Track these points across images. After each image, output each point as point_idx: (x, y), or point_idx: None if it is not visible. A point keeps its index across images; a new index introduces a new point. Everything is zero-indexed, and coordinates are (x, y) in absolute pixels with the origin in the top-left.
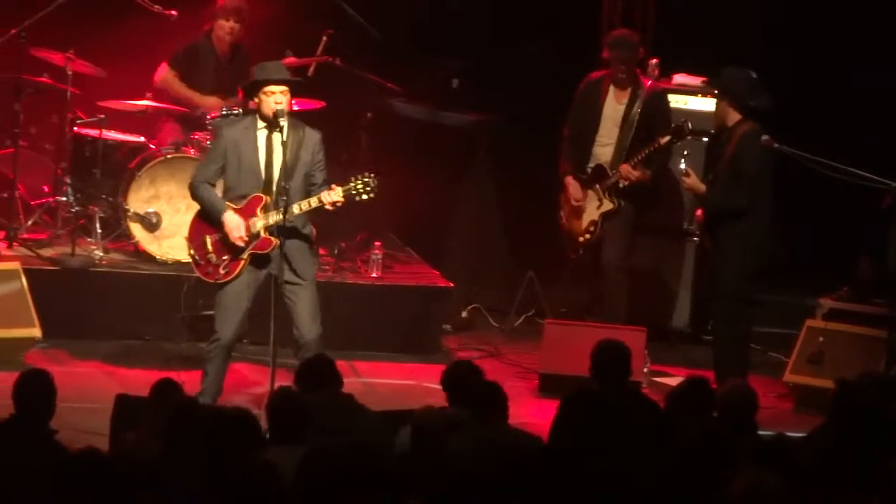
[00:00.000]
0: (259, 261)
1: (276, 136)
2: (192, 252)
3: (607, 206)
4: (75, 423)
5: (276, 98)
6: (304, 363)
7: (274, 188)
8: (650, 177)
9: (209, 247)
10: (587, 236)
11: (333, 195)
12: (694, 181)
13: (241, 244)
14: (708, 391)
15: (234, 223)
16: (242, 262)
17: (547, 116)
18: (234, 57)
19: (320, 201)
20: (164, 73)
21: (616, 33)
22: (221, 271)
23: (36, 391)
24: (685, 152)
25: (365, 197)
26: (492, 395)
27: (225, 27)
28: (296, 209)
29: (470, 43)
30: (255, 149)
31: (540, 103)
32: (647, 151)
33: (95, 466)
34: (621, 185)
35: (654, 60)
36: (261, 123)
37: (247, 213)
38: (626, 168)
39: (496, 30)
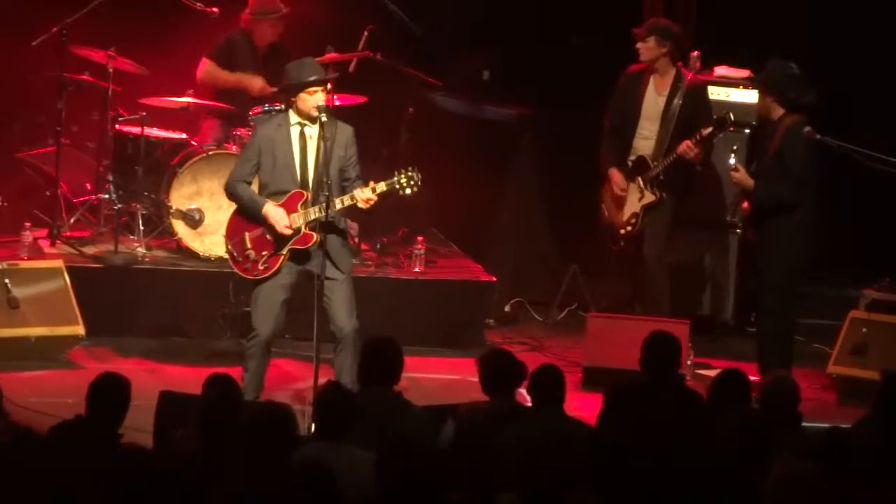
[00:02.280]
0: (297, 256)
1: (311, 132)
2: (230, 248)
3: (649, 198)
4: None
5: (316, 97)
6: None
7: (310, 184)
8: (701, 160)
9: (248, 243)
10: (628, 228)
11: (367, 192)
12: (742, 176)
13: (288, 233)
14: (745, 382)
15: (277, 214)
16: (282, 258)
17: (588, 109)
18: (271, 53)
19: (354, 199)
20: (206, 66)
21: (656, 21)
22: (260, 267)
23: (109, 395)
24: (734, 146)
25: (409, 191)
26: (550, 381)
27: (270, 25)
28: (333, 205)
29: (511, 36)
30: (290, 145)
31: (581, 96)
32: (697, 138)
33: (141, 464)
34: (661, 178)
35: (696, 53)
36: (294, 119)
37: (287, 209)
38: (687, 143)
39: (539, 23)
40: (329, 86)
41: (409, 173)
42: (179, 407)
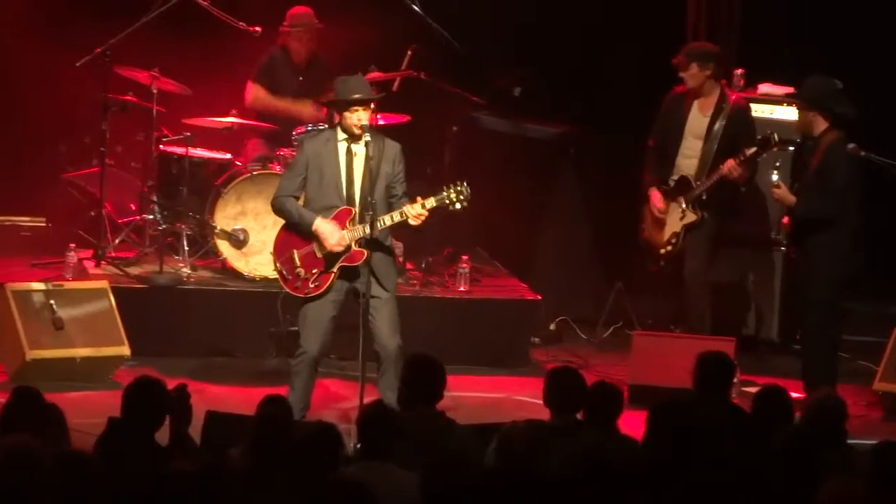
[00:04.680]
0: (346, 274)
1: (357, 149)
2: (278, 267)
3: (690, 217)
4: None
5: (359, 115)
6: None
7: (357, 201)
8: (746, 180)
9: (297, 261)
10: (668, 248)
11: (417, 208)
12: (784, 193)
13: (340, 249)
14: (786, 399)
15: (328, 230)
16: (332, 276)
17: (632, 127)
18: (312, 64)
19: (404, 215)
20: (254, 92)
21: (692, 46)
22: (311, 285)
23: (143, 397)
24: (777, 163)
25: (458, 206)
26: (603, 399)
27: (299, 41)
28: (382, 223)
29: (554, 54)
30: (337, 162)
31: (625, 114)
32: (742, 157)
33: (187, 484)
34: (704, 197)
35: (740, 71)
36: (341, 136)
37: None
38: (731, 163)
39: (582, 41)
40: (373, 105)
41: (459, 188)
42: (226, 426)
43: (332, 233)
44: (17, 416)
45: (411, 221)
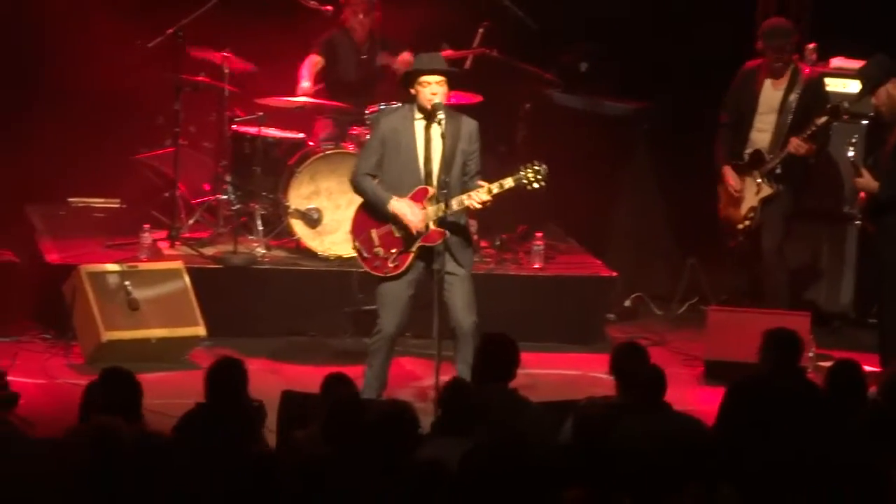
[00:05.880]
0: (424, 254)
1: (434, 127)
2: (357, 246)
3: (766, 191)
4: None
5: (431, 89)
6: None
7: (434, 180)
8: (815, 153)
9: (376, 240)
10: (747, 223)
11: (483, 195)
12: (867, 181)
13: (421, 227)
14: (858, 373)
15: (407, 210)
16: (412, 255)
17: (705, 102)
18: (373, 45)
19: (470, 198)
20: (312, 59)
21: (769, 23)
22: (390, 264)
23: (224, 379)
24: (853, 139)
25: (536, 186)
26: (656, 379)
27: (355, 16)
28: (455, 204)
29: (627, 30)
30: (413, 140)
31: (698, 90)
32: (809, 132)
33: (266, 466)
34: (778, 171)
35: (812, 45)
36: (418, 114)
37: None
38: (796, 141)
39: (655, 16)
40: (443, 80)
41: (536, 167)
42: (302, 406)
43: (410, 212)
44: (103, 397)
45: (475, 205)
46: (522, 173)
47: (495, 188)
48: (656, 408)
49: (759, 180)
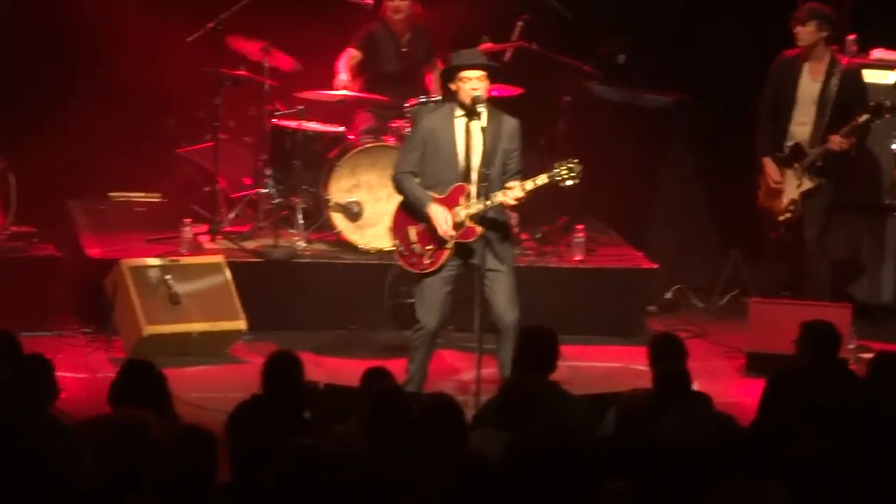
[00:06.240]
0: (461, 249)
1: (475, 124)
2: (396, 242)
3: (807, 184)
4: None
5: (472, 84)
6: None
7: (474, 176)
8: (854, 147)
9: (413, 237)
10: (787, 215)
11: (517, 191)
12: None
13: (448, 236)
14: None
15: (440, 216)
16: (447, 252)
17: (744, 93)
18: (414, 38)
19: (505, 195)
20: (350, 53)
21: (814, 4)
22: (426, 261)
23: (280, 370)
24: (894, 132)
25: (570, 182)
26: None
27: (392, 7)
28: (494, 199)
29: (665, 21)
30: (453, 136)
31: (737, 81)
32: (850, 127)
33: (309, 459)
34: (819, 164)
35: (852, 36)
36: (459, 111)
37: (450, 203)
38: (837, 139)
39: (694, 8)
40: (483, 74)
41: (570, 164)
42: (343, 400)
43: (443, 219)
44: (129, 390)
45: (510, 202)
46: (556, 170)
47: (529, 185)
48: (695, 402)
49: (800, 174)
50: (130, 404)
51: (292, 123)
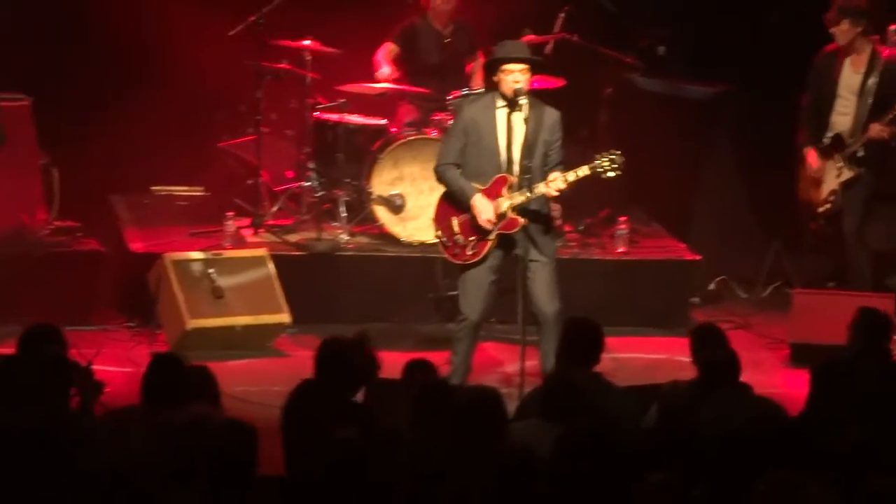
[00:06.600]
0: (504, 240)
1: (516, 115)
2: (439, 234)
3: (847, 174)
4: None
5: (514, 77)
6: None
7: (516, 167)
8: (894, 136)
9: (456, 228)
10: (827, 206)
11: (559, 182)
12: None
13: (490, 227)
14: None
15: (483, 207)
16: (490, 243)
17: (786, 86)
18: (457, 31)
19: (547, 185)
20: (387, 47)
21: (843, 2)
22: (469, 252)
23: (334, 356)
24: None
25: (612, 174)
26: (729, 362)
27: (436, 2)
28: (535, 190)
29: (707, 12)
30: (495, 127)
31: (779, 72)
32: (891, 116)
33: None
34: (860, 154)
35: (893, 27)
36: (500, 102)
37: (492, 194)
38: (877, 127)
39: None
40: (526, 67)
41: (612, 156)
42: (386, 392)
43: (485, 210)
44: (159, 385)
45: (552, 193)
46: (598, 161)
47: (571, 176)
48: (736, 390)
49: (840, 164)
50: (161, 399)
51: (334, 116)
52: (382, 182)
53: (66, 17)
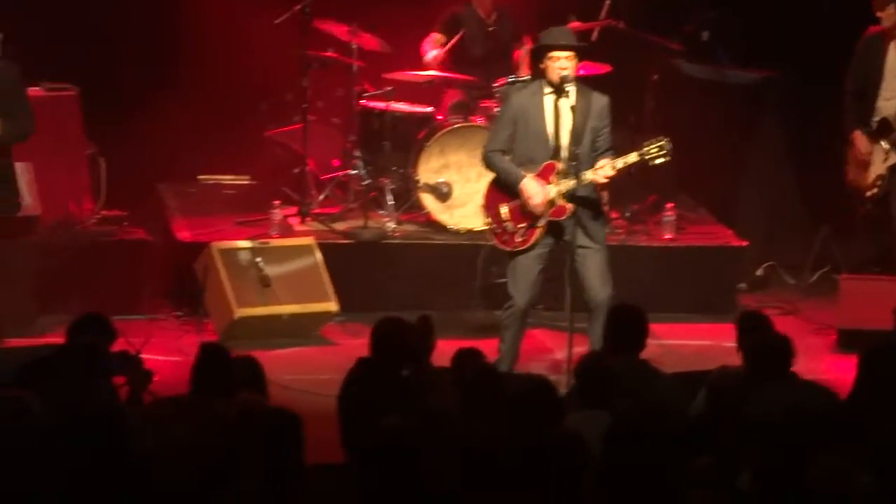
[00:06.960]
0: (553, 227)
1: (564, 102)
2: (488, 220)
3: (894, 158)
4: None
5: (560, 64)
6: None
7: (564, 154)
8: None
9: (505, 214)
10: (874, 190)
11: (607, 170)
12: None
13: (540, 210)
14: None
15: (533, 190)
16: (539, 230)
17: (832, 70)
18: (500, 19)
19: (595, 173)
20: (430, 35)
21: None
22: (518, 239)
23: (389, 335)
24: None
25: (660, 161)
26: (781, 348)
27: None
28: (584, 177)
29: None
30: (543, 114)
31: (825, 57)
32: None
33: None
34: None
35: None
36: (547, 89)
37: (541, 181)
38: None
39: None
40: (572, 54)
41: (660, 142)
42: (433, 380)
43: (536, 193)
44: (208, 374)
45: (601, 180)
46: (646, 148)
47: (619, 163)
48: (784, 377)
49: (888, 148)
50: (210, 388)
51: (380, 104)
52: (429, 170)
53: (113, 8)
